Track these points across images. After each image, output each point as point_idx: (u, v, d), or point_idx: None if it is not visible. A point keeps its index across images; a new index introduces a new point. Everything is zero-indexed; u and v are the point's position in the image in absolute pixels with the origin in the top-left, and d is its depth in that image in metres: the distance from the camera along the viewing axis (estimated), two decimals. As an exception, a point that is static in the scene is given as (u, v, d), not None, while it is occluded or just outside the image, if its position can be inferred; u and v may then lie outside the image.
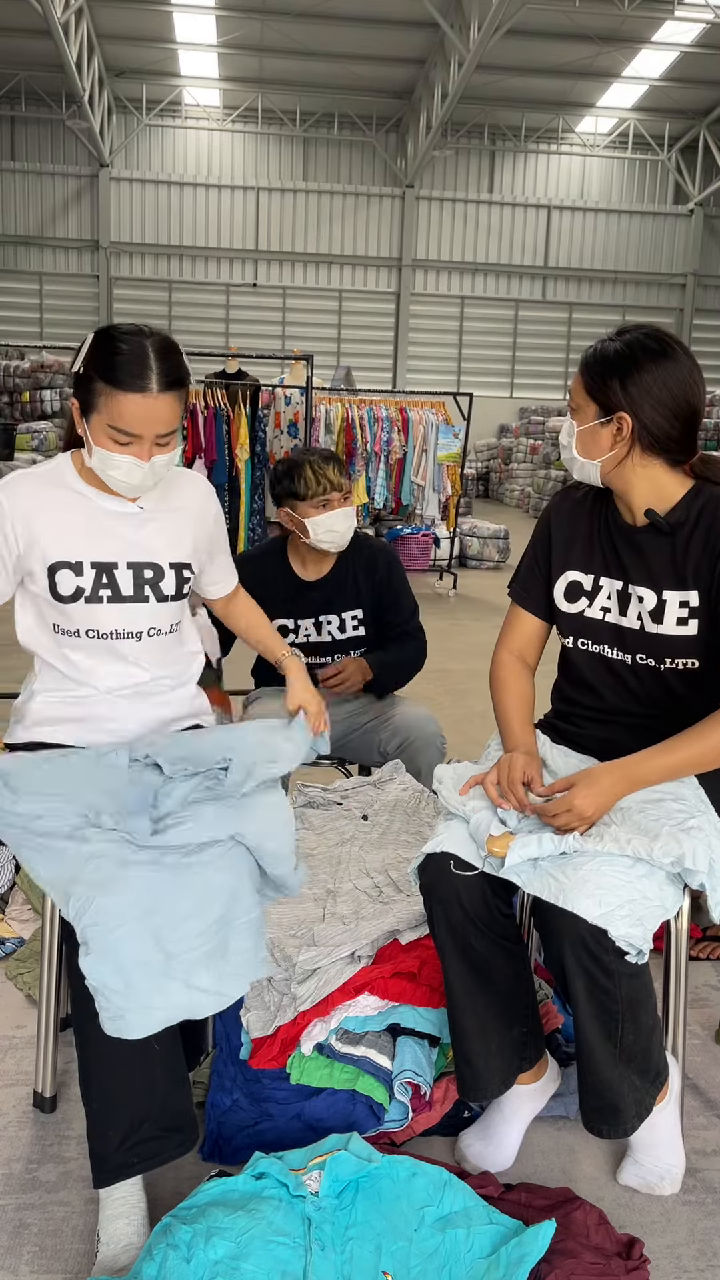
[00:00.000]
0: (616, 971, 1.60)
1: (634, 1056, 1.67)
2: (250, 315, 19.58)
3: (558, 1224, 1.56)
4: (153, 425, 1.78)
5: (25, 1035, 2.20)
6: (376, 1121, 1.84)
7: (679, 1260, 1.68)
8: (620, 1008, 1.63)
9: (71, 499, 1.90)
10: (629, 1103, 1.68)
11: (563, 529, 1.94)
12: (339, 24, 15.26)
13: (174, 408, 1.80)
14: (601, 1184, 1.84)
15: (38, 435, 11.72)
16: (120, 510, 1.92)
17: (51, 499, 1.88)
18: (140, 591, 1.92)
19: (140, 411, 1.75)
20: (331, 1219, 1.50)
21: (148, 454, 1.80)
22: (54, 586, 1.87)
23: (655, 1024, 1.70)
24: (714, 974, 2.56)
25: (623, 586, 1.84)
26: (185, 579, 1.98)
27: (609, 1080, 1.66)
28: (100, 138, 17.88)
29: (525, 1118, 1.87)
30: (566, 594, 1.91)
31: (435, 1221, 1.53)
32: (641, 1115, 1.70)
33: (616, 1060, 1.66)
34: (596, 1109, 1.69)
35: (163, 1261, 1.42)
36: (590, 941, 1.58)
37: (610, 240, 20.22)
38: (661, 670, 1.81)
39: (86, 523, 1.89)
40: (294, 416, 7.92)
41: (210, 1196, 1.53)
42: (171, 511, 1.98)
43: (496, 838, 1.69)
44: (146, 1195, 1.69)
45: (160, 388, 1.75)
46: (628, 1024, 1.64)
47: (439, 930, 1.76)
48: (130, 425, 1.76)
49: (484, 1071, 1.79)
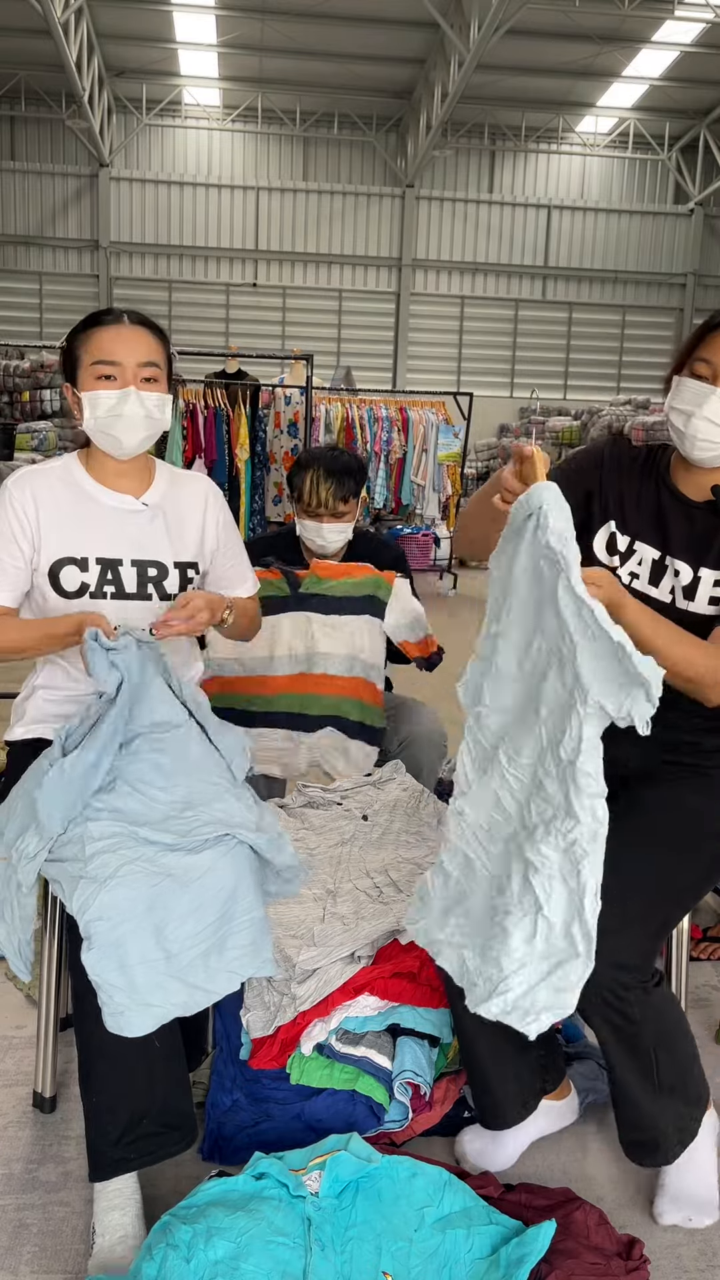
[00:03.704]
0: (640, 1018, 1.58)
1: (674, 1086, 1.65)
2: (250, 315, 19.56)
3: (558, 1224, 1.55)
4: (131, 350, 1.86)
5: (25, 1035, 2.20)
6: (376, 1122, 1.84)
7: (679, 1260, 1.68)
8: (650, 1044, 1.61)
9: (78, 495, 1.92)
10: (671, 1131, 1.67)
11: (614, 478, 1.84)
12: (339, 24, 15.24)
13: (151, 342, 1.89)
14: (601, 1184, 1.83)
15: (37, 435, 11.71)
16: (126, 508, 1.94)
17: (59, 495, 1.91)
18: (143, 589, 1.93)
19: (115, 337, 1.86)
20: (331, 1219, 1.50)
21: (133, 381, 1.86)
22: (57, 582, 1.88)
23: (691, 1049, 1.68)
24: (714, 974, 2.56)
25: (660, 556, 1.78)
26: (189, 579, 1.99)
27: (649, 1113, 1.65)
28: (100, 137, 17.87)
29: (534, 1132, 1.86)
30: (607, 546, 1.83)
31: (435, 1222, 1.53)
32: (685, 1142, 1.69)
33: (656, 1093, 1.64)
34: (638, 1141, 1.68)
35: (163, 1261, 1.42)
36: (608, 994, 1.55)
37: (610, 240, 20.20)
38: None
39: (92, 519, 1.91)
40: (294, 416, 7.92)
41: (210, 1196, 1.53)
42: (177, 511, 1.99)
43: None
44: (144, 1191, 1.69)
45: (133, 321, 1.88)
46: (663, 1057, 1.62)
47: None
48: (109, 353, 1.85)
49: (502, 1098, 1.78)
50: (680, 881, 1.70)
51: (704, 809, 1.75)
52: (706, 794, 1.77)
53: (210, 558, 2.07)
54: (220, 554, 2.09)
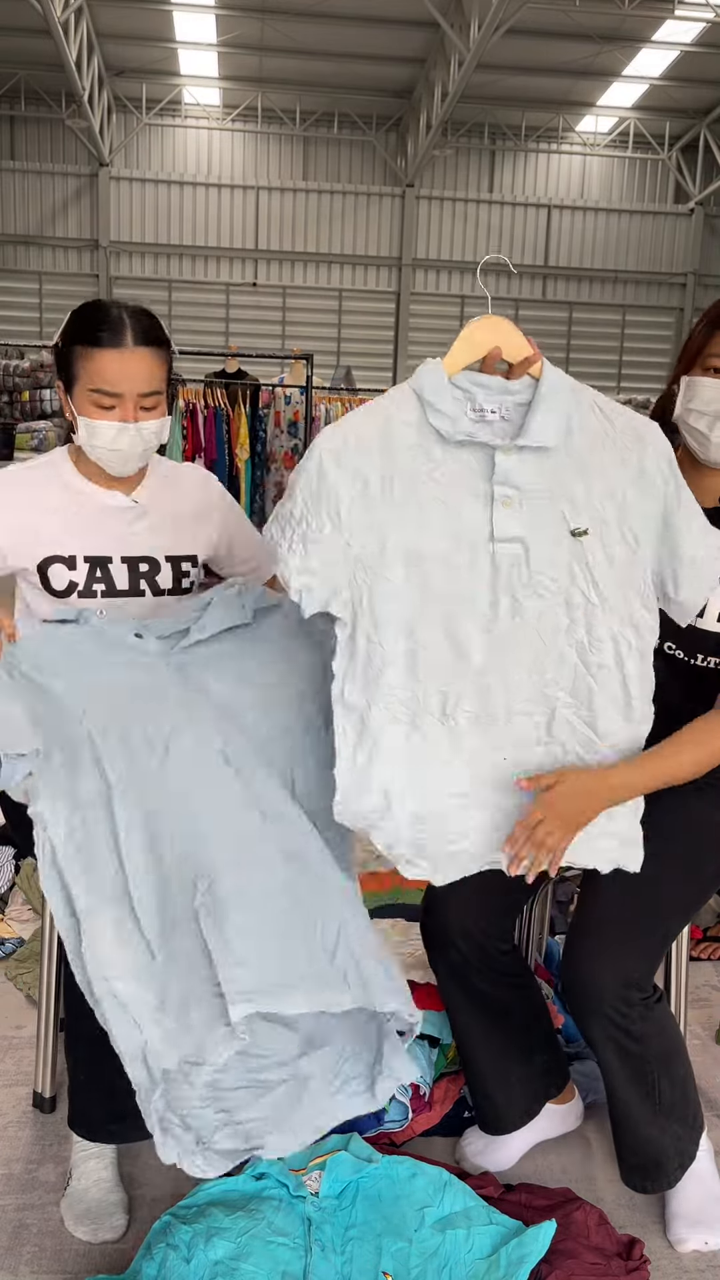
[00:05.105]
0: (644, 1034, 1.57)
1: (673, 1107, 1.64)
2: (250, 315, 19.55)
3: (558, 1224, 1.55)
4: (133, 382, 1.76)
5: (25, 1035, 2.20)
6: (376, 1122, 1.84)
7: (679, 1260, 1.68)
8: (653, 1066, 1.60)
9: (65, 494, 1.90)
10: (671, 1154, 1.66)
11: None
12: (339, 23, 15.23)
13: (154, 366, 1.78)
14: (601, 1184, 1.83)
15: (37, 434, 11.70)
16: (115, 505, 1.91)
17: (43, 495, 1.89)
18: (135, 585, 1.92)
19: (118, 366, 1.74)
20: (331, 1219, 1.50)
21: (133, 415, 1.77)
22: (46, 581, 1.87)
23: (688, 1070, 1.68)
24: (714, 974, 2.56)
25: None
26: (184, 573, 1.97)
27: (649, 1136, 1.65)
28: (100, 137, 17.86)
29: (536, 1135, 1.86)
30: None
31: (435, 1222, 1.53)
32: (685, 1165, 1.68)
33: (656, 1114, 1.63)
34: (638, 1166, 1.67)
35: (163, 1261, 1.42)
36: (614, 1013, 1.55)
37: (610, 240, 20.18)
38: (691, 664, 1.72)
39: (80, 517, 1.89)
40: (294, 416, 7.91)
41: (210, 1196, 1.53)
42: (170, 505, 1.97)
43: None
44: (145, 1192, 1.71)
45: (136, 342, 1.75)
46: (663, 1079, 1.62)
47: (441, 977, 1.75)
48: (110, 383, 1.75)
49: (503, 1104, 1.78)
50: (684, 896, 1.69)
51: (708, 822, 1.73)
52: (712, 806, 1.75)
53: (223, 545, 2.04)
54: (236, 538, 2.05)
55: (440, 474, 1.52)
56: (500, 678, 1.54)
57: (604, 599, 1.54)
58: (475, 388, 1.55)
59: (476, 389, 1.55)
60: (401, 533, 1.51)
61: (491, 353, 1.56)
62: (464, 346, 1.59)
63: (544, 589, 1.53)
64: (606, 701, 1.56)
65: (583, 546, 1.53)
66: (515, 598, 1.53)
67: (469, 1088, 1.83)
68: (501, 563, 1.52)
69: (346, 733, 1.54)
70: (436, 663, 1.53)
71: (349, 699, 1.54)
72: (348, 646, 1.54)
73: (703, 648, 1.70)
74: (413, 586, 1.52)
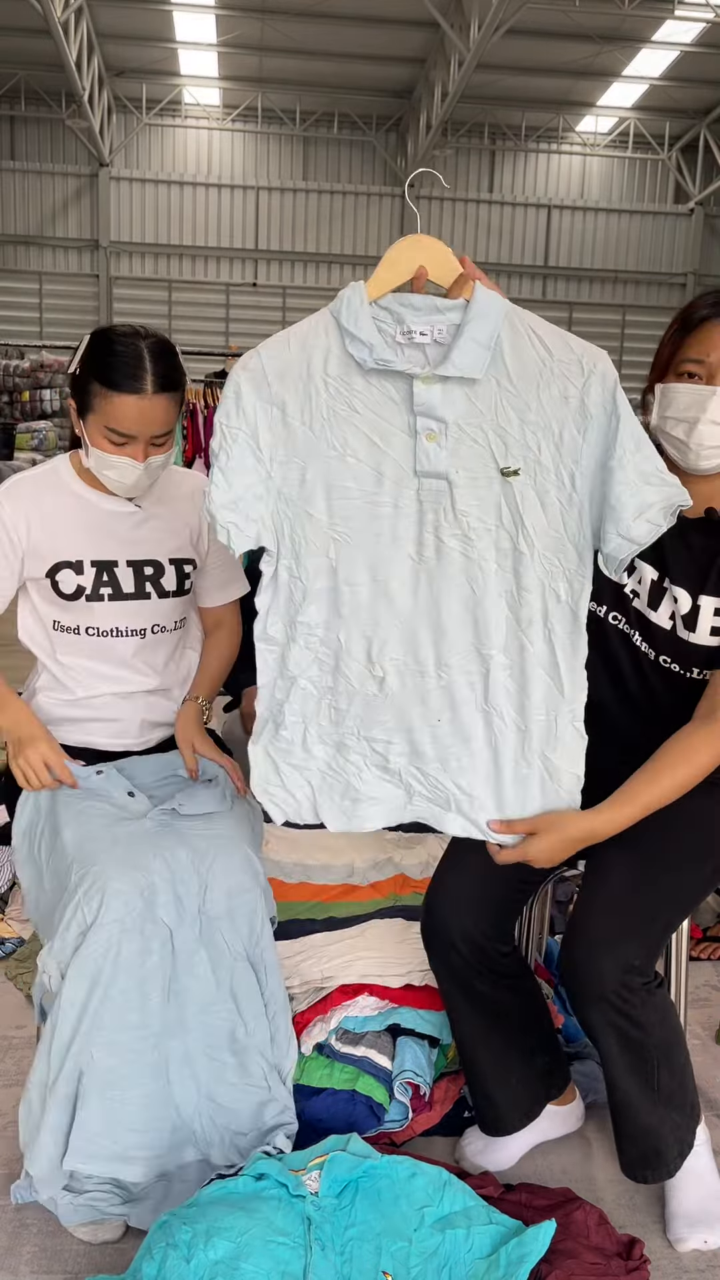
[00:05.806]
0: (645, 1021, 1.57)
1: (672, 1095, 1.64)
2: (250, 315, 19.55)
3: (558, 1224, 1.55)
4: (148, 426, 1.79)
5: (25, 1035, 2.20)
6: (376, 1122, 1.84)
7: (679, 1260, 1.68)
8: (653, 1053, 1.60)
9: (70, 500, 1.92)
10: (671, 1143, 1.66)
11: None
12: (339, 23, 15.23)
13: (169, 409, 1.81)
14: (601, 1184, 1.83)
15: (37, 435, 11.71)
16: (118, 510, 1.94)
17: (50, 501, 1.91)
18: (141, 588, 1.95)
19: (135, 413, 1.77)
20: (331, 1219, 1.50)
21: (143, 454, 1.81)
22: (56, 586, 1.90)
23: (687, 1059, 1.68)
24: (714, 974, 2.56)
25: (659, 578, 1.70)
26: (186, 574, 2.00)
27: (650, 1125, 1.64)
28: (100, 137, 17.86)
29: (536, 1135, 1.86)
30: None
31: (435, 1221, 1.53)
32: (684, 1154, 1.68)
33: (656, 1103, 1.63)
34: (639, 1155, 1.67)
35: (163, 1261, 1.41)
36: (615, 998, 1.54)
37: (610, 240, 20.18)
38: (688, 678, 1.71)
39: (85, 523, 1.92)
40: (294, 416, 7.91)
41: (210, 1196, 1.53)
42: (169, 508, 2.00)
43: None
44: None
45: (155, 389, 1.77)
46: (663, 1067, 1.61)
47: (441, 978, 1.75)
48: (125, 426, 1.78)
49: (504, 1106, 1.78)
50: (686, 886, 1.69)
51: (710, 814, 1.73)
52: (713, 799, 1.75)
53: (204, 556, 2.07)
54: (213, 555, 2.08)
55: (360, 404, 1.45)
56: (429, 626, 1.48)
57: (532, 546, 1.45)
58: (402, 308, 1.44)
59: (404, 309, 1.44)
60: (322, 464, 1.46)
61: (418, 273, 1.47)
62: (387, 268, 1.47)
63: (472, 530, 1.45)
64: (535, 664, 1.48)
65: (513, 487, 1.44)
66: (440, 538, 1.46)
67: (469, 1089, 1.83)
68: (426, 500, 1.45)
69: (268, 665, 1.53)
70: (359, 603, 1.48)
71: (270, 633, 1.52)
72: (271, 582, 1.51)
73: (695, 661, 1.69)
74: (335, 521, 1.47)
